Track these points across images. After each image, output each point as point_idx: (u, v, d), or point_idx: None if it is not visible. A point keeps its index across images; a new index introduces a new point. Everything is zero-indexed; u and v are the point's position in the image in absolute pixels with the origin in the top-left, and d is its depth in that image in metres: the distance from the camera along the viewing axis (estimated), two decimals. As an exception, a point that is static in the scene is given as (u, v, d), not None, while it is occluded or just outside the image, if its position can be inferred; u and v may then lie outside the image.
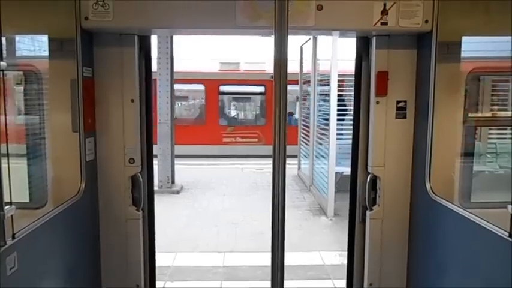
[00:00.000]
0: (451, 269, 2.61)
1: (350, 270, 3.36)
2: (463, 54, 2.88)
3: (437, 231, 2.76)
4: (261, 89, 15.58)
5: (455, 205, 2.60)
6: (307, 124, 10.30)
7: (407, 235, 3.12)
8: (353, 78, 3.23)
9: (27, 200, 2.72)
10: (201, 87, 15.35)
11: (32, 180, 2.80)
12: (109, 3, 2.68)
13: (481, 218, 2.28)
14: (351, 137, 3.31)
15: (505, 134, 4.33)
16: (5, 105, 2.05)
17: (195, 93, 15.82)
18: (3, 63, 1.85)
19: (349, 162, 3.40)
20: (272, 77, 1.86)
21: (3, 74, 1.92)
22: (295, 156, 11.29)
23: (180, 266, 5.25)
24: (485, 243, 2.24)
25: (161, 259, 4.11)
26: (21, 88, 2.79)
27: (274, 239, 1.98)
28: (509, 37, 2.61)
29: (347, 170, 5.80)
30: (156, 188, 3.09)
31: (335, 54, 7.38)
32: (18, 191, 2.38)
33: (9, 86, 2.58)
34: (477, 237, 2.32)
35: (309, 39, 9.64)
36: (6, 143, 2.01)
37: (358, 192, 3.22)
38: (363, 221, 3.21)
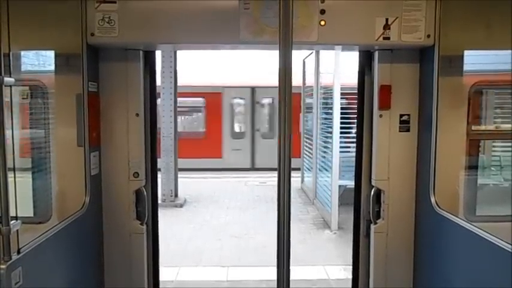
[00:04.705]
0: (456, 282, 2.59)
1: (355, 285, 3.34)
2: (465, 68, 2.90)
3: (442, 244, 2.74)
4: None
5: (460, 218, 2.59)
6: (310, 137, 10.31)
7: (412, 249, 3.10)
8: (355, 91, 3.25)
9: (31, 214, 2.72)
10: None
11: (36, 194, 2.81)
12: (115, 20, 2.72)
13: (486, 232, 2.27)
14: (353, 149, 3.31)
15: (509, 146, 4.33)
16: (12, 120, 2.07)
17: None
18: (11, 79, 1.88)
19: (352, 175, 3.39)
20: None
21: (10, 89, 1.95)
22: (299, 169, 11.28)
23: (183, 280, 5.21)
24: (491, 257, 2.23)
25: (164, 273, 4.08)
26: (27, 102, 2.82)
27: (280, 253, 1.97)
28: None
29: (350, 183, 5.79)
30: (159, 201, 3.09)
31: (338, 68, 7.43)
32: (23, 205, 2.38)
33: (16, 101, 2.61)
34: (482, 250, 2.30)
35: (312, 52, 9.71)
36: (13, 157, 2.03)
37: (362, 206, 3.21)
38: (368, 234, 3.19)
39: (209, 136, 15.14)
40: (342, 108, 7.63)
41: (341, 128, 7.59)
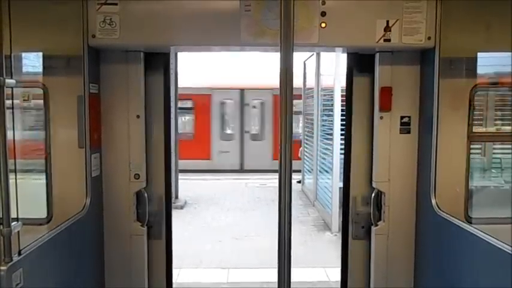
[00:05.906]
0: (457, 284, 2.58)
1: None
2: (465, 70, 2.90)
3: (443, 246, 2.74)
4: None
5: (460, 221, 2.59)
6: (310, 139, 10.32)
7: (413, 251, 3.10)
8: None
9: (31, 215, 2.72)
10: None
11: (37, 195, 2.81)
12: (116, 21, 2.73)
13: (487, 234, 2.27)
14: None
15: (510, 149, 4.33)
16: (13, 121, 2.07)
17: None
18: (13, 81, 1.88)
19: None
20: None
21: (12, 91, 1.95)
22: (299, 171, 11.28)
23: (183, 282, 5.21)
24: (491, 259, 2.22)
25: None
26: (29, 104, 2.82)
27: (281, 255, 1.97)
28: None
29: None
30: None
31: (338, 69, 7.44)
32: (23, 206, 2.38)
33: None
34: (483, 252, 2.30)
35: (312, 54, 9.72)
36: (14, 158, 2.03)
37: (350, 209, 3.20)
38: (357, 236, 3.19)
39: None
40: (342, 110, 7.64)
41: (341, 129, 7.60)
